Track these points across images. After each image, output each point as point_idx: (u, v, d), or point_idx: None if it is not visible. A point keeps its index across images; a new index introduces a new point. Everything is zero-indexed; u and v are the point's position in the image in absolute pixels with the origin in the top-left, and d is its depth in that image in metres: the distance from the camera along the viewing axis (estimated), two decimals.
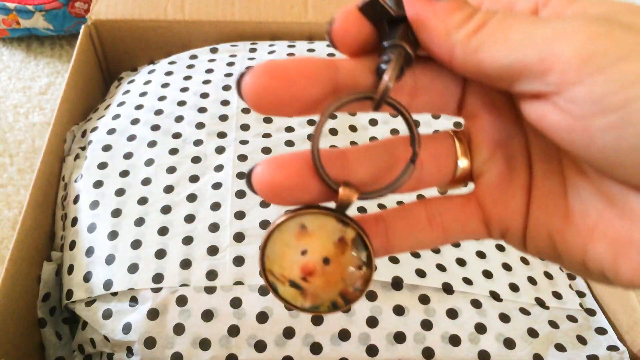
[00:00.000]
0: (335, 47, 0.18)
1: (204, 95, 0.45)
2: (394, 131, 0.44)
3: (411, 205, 0.20)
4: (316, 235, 0.19)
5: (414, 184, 0.19)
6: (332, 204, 0.19)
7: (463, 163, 0.20)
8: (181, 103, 0.45)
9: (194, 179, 0.40)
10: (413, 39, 0.18)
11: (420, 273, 0.35)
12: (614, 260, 0.17)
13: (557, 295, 0.38)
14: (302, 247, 0.19)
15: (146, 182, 0.39)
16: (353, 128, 0.44)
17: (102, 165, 0.41)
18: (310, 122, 0.44)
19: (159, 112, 0.44)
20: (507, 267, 0.38)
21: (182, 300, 0.34)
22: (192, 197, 0.38)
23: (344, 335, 0.34)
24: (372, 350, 0.33)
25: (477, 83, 0.18)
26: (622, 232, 0.17)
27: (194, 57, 0.50)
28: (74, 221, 0.39)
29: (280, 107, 0.17)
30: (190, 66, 0.49)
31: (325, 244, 0.19)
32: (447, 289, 0.35)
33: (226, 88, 0.46)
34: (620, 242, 0.17)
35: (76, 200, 0.40)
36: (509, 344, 0.34)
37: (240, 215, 0.37)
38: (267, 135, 0.43)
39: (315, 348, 0.33)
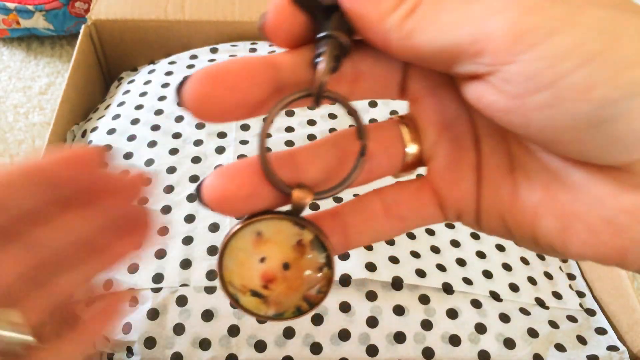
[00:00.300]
0: (270, 41, 0.18)
1: None
2: None
3: (366, 197, 0.20)
4: (273, 241, 0.19)
5: (366, 176, 0.19)
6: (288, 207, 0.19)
7: (412, 149, 0.20)
8: None
9: (194, 179, 0.40)
10: (348, 26, 0.17)
11: (420, 273, 0.35)
12: (562, 234, 0.17)
13: (557, 295, 0.38)
14: (260, 254, 0.19)
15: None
16: None
17: None
18: (311, 122, 0.44)
19: (159, 112, 0.44)
20: (507, 267, 0.38)
21: (182, 300, 0.34)
22: (192, 197, 0.38)
23: (344, 335, 0.34)
24: (372, 350, 0.33)
25: (417, 66, 0.18)
26: (566, 205, 0.17)
27: (194, 57, 0.50)
28: None
29: (224, 114, 0.17)
30: (190, 66, 0.49)
31: (284, 249, 0.19)
32: (447, 289, 0.35)
33: None
34: (565, 216, 0.17)
35: None
36: (509, 344, 0.34)
37: None
38: (267, 135, 0.43)
39: (315, 348, 0.33)
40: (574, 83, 0.14)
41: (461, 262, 0.37)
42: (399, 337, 0.34)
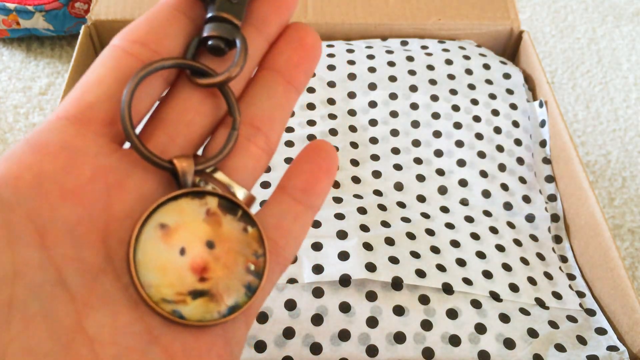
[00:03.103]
0: None
1: None
2: (394, 132, 0.44)
3: None
4: (181, 225, 0.16)
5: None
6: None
7: None
8: None
9: None
10: (235, 8, 0.18)
11: (420, 273, 0.35)
12: None
13: (557, 296, 0.38)
14: (176, 247, 0.16)
15: None
16: (353, 128, 0.44)
17: None
18: (311, 123, 0.44)
19: None
20: (507, 267, 0.38)
21: None
22: None
23: (344, 335, 0.34)
24: (372, 350, 0.33)
25: None
26: None
27: None
28: None
29: None
30: None
31: (197, 228, 0.16)
32: (447, 289, 0.35)
33: None
34: None
35: None
36: (509, 344, 0.34)
37: None
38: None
39: (315, 348, 0.33)
40: None
41: (461, 263, 0.37)
42: (399, 338, 0.34)
